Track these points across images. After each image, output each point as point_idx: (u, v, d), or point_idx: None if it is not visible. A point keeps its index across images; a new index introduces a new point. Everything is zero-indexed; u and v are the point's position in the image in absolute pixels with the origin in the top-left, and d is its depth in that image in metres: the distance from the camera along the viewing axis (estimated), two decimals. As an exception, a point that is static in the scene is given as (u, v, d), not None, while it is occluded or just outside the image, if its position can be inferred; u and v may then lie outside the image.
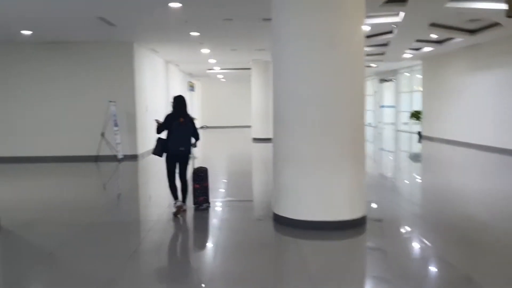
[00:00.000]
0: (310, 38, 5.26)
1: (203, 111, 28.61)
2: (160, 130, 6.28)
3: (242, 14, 8.90)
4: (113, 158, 11.99)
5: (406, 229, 5.75)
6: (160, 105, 15.60)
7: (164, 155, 6.24)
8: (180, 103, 6.26)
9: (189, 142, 6.21)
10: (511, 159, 11.61)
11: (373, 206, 6.54)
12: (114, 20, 9.41)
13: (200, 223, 6.10)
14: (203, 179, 6.49)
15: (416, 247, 5.02)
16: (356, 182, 5.39)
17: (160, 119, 6.43)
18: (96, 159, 11.99)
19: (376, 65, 19.44)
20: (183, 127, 6.15)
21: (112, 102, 11.98)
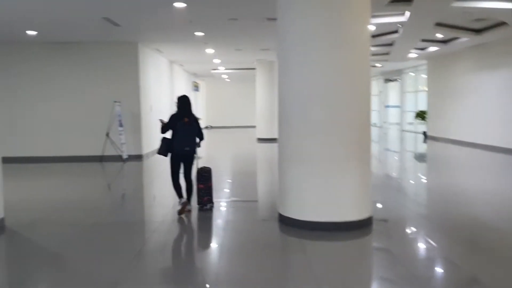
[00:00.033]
0: (316, 38, 5.23)
1: (207, 111, 28.63)
2: (164, 130, 6.28)
3: (247, 14, 8.89)
4: (118, 158, 12.01)
5: (412, 229, 5.71)
6: (165, 105, 15.62)
7: (169, 154, 6.24)
8: (184, 103, 6.26)
9: (194, 142, 6.21)
10: (518, 159, 11.55)
11: (378, 206, 6.51)
12: (118, 20, 9.42)
13: (204, 223, 6.09)
14: (207, 179, 6.48)
15: (422, 248, 4.99)
16: (362, 183, 5.35)
17: (165, 119, 6.43)
18: (101, 159, 12.02)
19: (381, 65, 19.38)
20: (188, 127, 6.15)
21: (117, 102, 12.00)
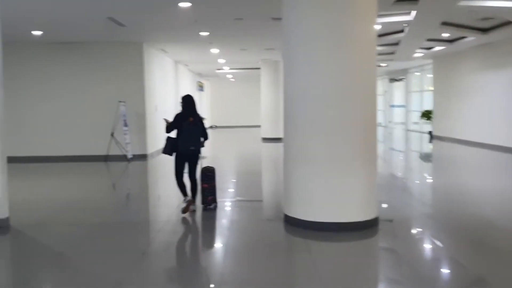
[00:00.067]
0: (321, 37, 5.20)
1: (212, 111, 28.63)
2: (169, 129, 6.28)
3: (252, 13, 8.86)
4: (122, 158, 12.02)
5: (418, 230, 5.67)
6: (170, 105, 15.62)
7: (174, 154, 6.24)
8: (189, 102, 6.26)
9: (199, 141, 6.21)
10: (524, 159, 11.47)
11: (383, 206, 6.46)
12: (123, 21, 9.41)
13: (209, 223, 6.07)
14: (212, 179, 6.49)
15: (428, 248, 4.96)
16: (368, 183, 5.32)
17: (169, 118, 6.43)
18: (106, 158, 12.03)
19: (386, 64, 19.30)
20: (193, 126, 6.15)
21: (121, 102, 12.00)
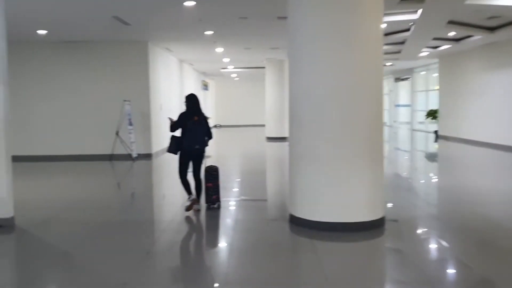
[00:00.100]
0: (327, 36, 5.15)
1: (216, 110, 28.63)
2: (174, 128, 6.28)
3: (257, 12, 8.82)
4: (127, 157, 12.02)
5: (424, 230, 5.63)
6: (174, 104, 15.61)
7: (178, 152, 6.24)
8: (193, 101, 6.26)
9: (204, 140, 6.21)
10: (531, 159, 11.38)
11: (388, 206, 6.41)
12: (128, 19, 9.41)
13: (214, 223, 6.05)
14: (216, 178, 6.48)
15: (433, 248, 4.93)
16: (375, 183, 5.27)
17: (174, 117, 6.42)
18: (111, 158, 12.03)
19: (392, 63, 19.21)
20: (198, 125, 6.14)
21: (126, 101, 12.01)
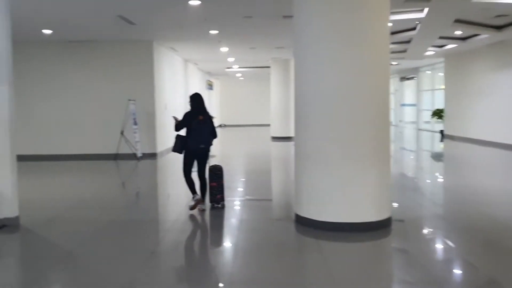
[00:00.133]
0: (333, 35, 5.11)
1: (221, 109, 28.62)
2: (178, 128, 6.28)
3: (262, 11, 8.78)
4: (132, 156, 12.02)
5: (429, 230, 5.58)
6: (179, 103, 15.60)
7: (183, 152, 6.24)
8: (198, 101, 6.25)
9: (209, 139, 6.21)
10: (539, 159, 11.28)
11: (394, 206, 6.36)
12: (133, 19, 9.40)
13: (218, 222, 6.02)
14: (220, 177, 6.48)
15: (440, 249, 4.88)
16: (381, 183, 5.22)
17: (179, 117, 6.41)
18: (116, 157, 12.04)
19: (397, 63, 19.12)
20: (203, 124, 6.14)
21: (131, 101, 12.01)
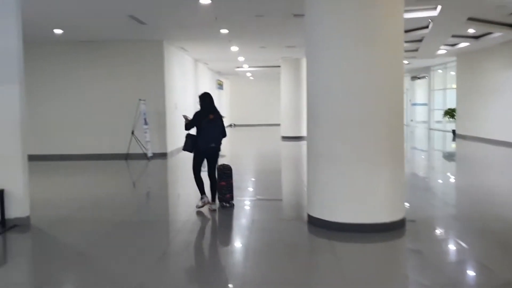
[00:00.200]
0: (346, 33, 5.05)
1: (231, 109, 28.60)
2: (188, 127, 6.29)
3: (273, 10, 8.73)
4: (143, 156, 12.04)
5: (442, 231, 5.49)
6: (189, 103, 15.61)
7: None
8: (207, 100, 6.25)
9: (219, 138, 6.21)
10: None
11: (406, 206, 6.27)
12: (144, 19, 9.40)
13: (229, 223, 5.98)
14: (229, 177, 6.50)
15: (453, 250, 4.80)
16: (395, 183, 5.15)
17: (189, 115, 6.41)
18: (127, 157, 12.07)
19: (408, 62, 18.95)
20: (213, 123, 6.13)
21: (142, 100, 12.02)
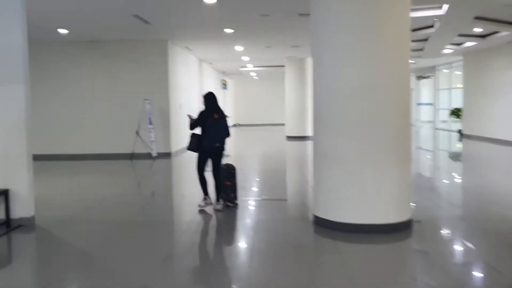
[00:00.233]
0: (352, 33, 5.00)
1: (236, 109, 28.58)
2: (193, 126, 6.29)
3: (279, 9, 8.69)
4: (147, 156, 12.04)
5: (448, 231, 5.45)
6: (194, 103, 15.59)
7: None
8: (211, 99, 6.28)
9: (224, 138, 6.21)
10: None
11: (412, 206, 6.22)
12: (149, 18, 9.39)
13: (234, 223, 5.95)
14: (234, 176, 6.53)
15: (460, 251, 4.76)
16: (402, 184, 5.09)
17: (194, 115, 6.40)
18: (131, 157, 12.06)
19: (414, 61, 18.85)
20: (218, 123, 6.14)
21: (146, 100, 12.02)
